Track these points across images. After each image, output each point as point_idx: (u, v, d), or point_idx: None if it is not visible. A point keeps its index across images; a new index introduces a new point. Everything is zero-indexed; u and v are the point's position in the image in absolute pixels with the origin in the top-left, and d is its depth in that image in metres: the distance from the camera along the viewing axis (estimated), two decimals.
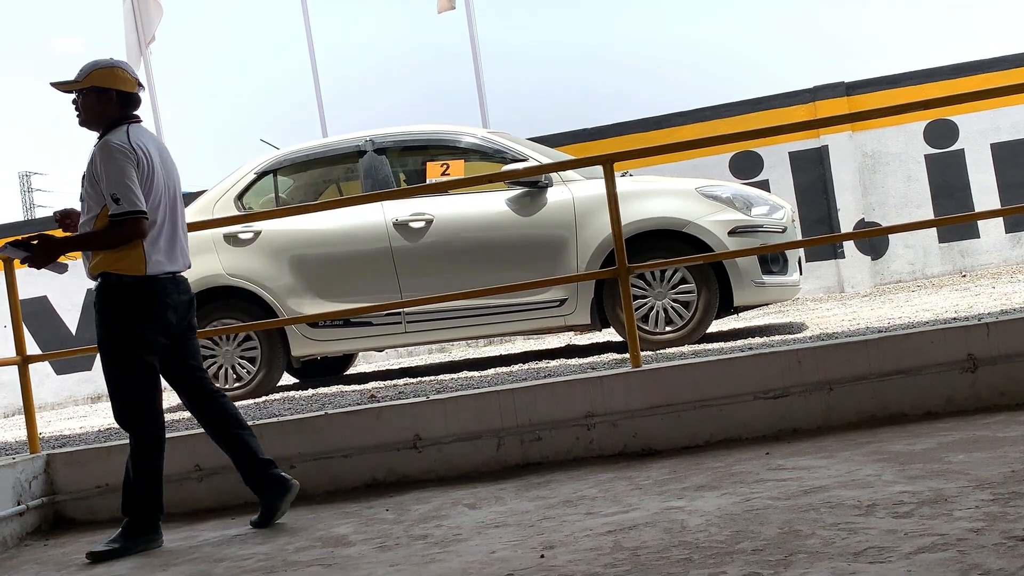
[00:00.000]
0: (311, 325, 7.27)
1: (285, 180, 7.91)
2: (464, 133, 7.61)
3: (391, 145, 7.64)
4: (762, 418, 4.63)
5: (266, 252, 7.40)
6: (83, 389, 10.98)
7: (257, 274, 7.37)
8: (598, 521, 3.52)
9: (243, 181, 7.69)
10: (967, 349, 4.59)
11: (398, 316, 7.19)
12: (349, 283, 7.28)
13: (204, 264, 7.36)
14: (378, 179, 7.45)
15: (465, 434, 4.76)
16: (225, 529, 4.32)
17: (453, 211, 7.28)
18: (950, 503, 3.09)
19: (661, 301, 6.86)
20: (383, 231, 7.26)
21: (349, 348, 7.59)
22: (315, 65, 13.20)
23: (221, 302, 7.44)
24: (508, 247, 7.11)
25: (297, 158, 7.79)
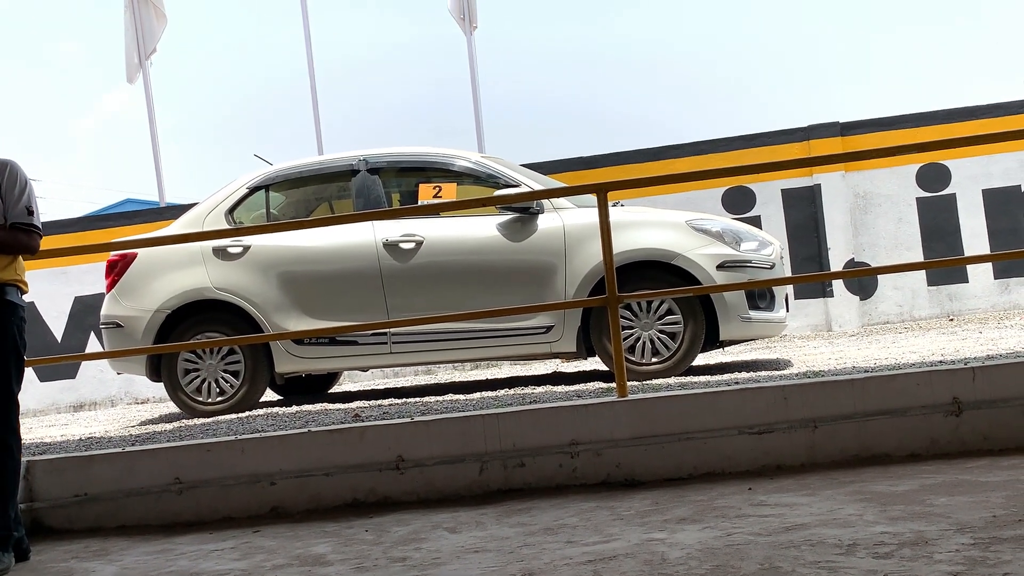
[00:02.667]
0: (296, 342, 7.27)
1: (277, 196, 7.92)
2: (458, 156, 7.62)
3: (384, 165, 7.66)
4: (746, 453, 4.63)
5: (254, 267, 7.40)
6: (66, 397, 10.92)
7: (244, 289, 7.37)
8: (578, 550, 3.50)
9: (235, 195, 7.70)
10: (952, 392, 4.60)
11: (384, 336, 7.18)
12: (336, 301, 7.28)
13: (192, 277, 7.39)
14: (370, 199, 7.47)
15: (448, 457, 4.74)
16: (203, 544, 4.29)
17: (443, 234, 7.29)
18: (931, 546, 3.09)
19: (648, 332, 6.87)
20: (373, 251, 7.26)
21: (333, 367, 7.58)
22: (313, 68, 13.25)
23: (207, 315, 7.45)
24: (497, 272, 7.12)
25: (290, 174, 7.80)
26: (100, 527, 4.78)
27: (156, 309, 7.43)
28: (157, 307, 7.44)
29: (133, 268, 7.58)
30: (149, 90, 13.49)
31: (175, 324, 7.47)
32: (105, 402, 10.92)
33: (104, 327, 7.73)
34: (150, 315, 7.43)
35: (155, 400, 10.82)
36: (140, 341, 7.39)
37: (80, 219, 12.32)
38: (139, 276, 7.56)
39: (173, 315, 7.44)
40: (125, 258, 7.64)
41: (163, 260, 7.54)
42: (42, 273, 10.41)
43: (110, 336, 7.67)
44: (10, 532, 4.13)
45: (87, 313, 10.92)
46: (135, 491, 4.82)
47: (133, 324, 7.49)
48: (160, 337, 7.43)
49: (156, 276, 7.52)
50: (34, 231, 4.18)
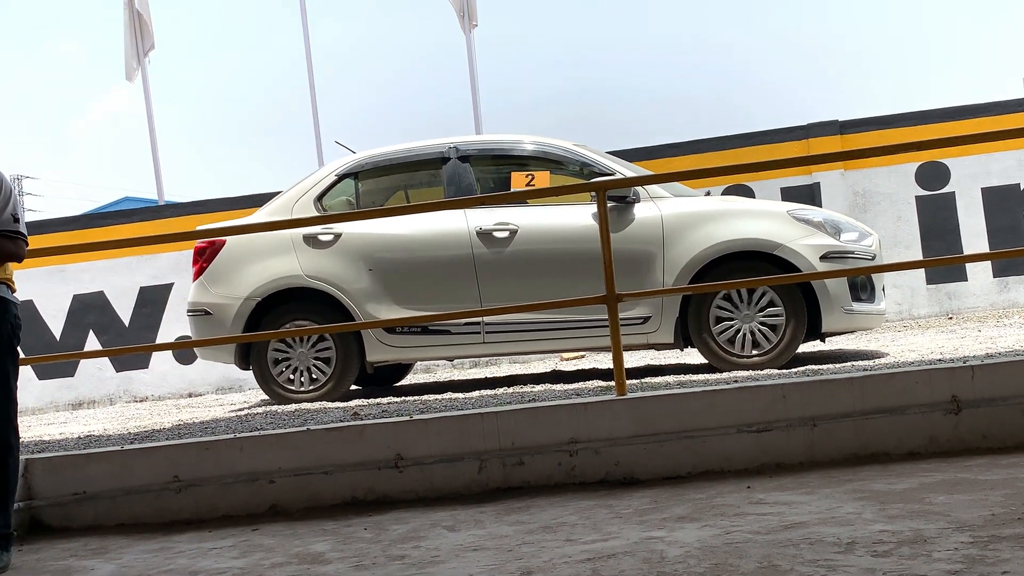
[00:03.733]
0: (388, 331, 7.19)
1: (366, 184, 7.80)
2: (550, 144, 7.50)
3: (475, 153, 7.55)
4: (745, 451, 4.63)
5: (346, 255, 7.32)
6: (65, 395, 10.92)
7: (336, 277, 7.29)
8: (577, 548, 3.50)
9: (323, 183, 7.59)
10: (951, 391, 4.60)
11: (477, 326, 7.10)
12: (428, 290, 7.20)
13: (282, 264, 7.32)
14: (461, 187, 7.36)
15: (447, 455, 4.74)
16: (201, 542, 4.28)
17: (538, 222, 7.20)
18: (929, 544, 3.09)
19: (748, 324, 6.80)
20: (466, 239, 7.18)
21: (425, 356, 7.50)
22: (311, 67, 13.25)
23: (298, 303, 7.38)
24: (593, 261, 6.87)
25: (379, 162, 7.69)
26: (99, 525, 4.78)
27: (246, 296, 7.35)
28: (247, 294, 7.35)
29: (222, 255, 7.48)
30: (148, 88, 13.50)
31: (264, 312, 7.39)
32: (104, 400, 10.92)
33: (192, 315, 7.61)
34: (240, 302, 7.36)
35: (153, 399, 10.82)
36: (230, 329, 7.31)
37: (79, 217, 12.32)
38: (228, 263, 7.46)
39: (262, 303, 7.36)
40: (213, 245, 7.53)
41: (253, 247, 7.45)
42: (40, 271, 10.41)
43: (198, 324, 7.57)
44: (11, 531, 4.13)
45: (85, 311, 10.92)
46: (134, 489, 4.81)
47: (222, 311, 7.40)
48: (249, 325, 7.35)
49: (246, 263, 7.44)
50: (20, 238, 4.14)
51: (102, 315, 10.95)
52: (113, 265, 10.93)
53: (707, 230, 6.90)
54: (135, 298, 10.97)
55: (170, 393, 10.88)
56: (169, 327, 10.88)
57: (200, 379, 10.89)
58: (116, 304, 10.97)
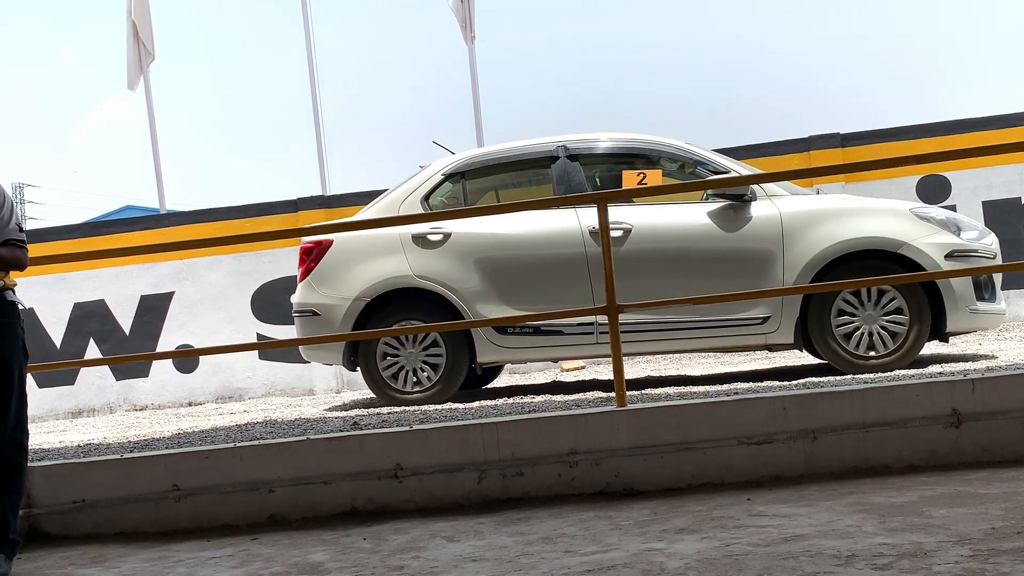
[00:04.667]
0: (499, 331, 7.12)
1: (472, 183, 7.74)
2: (661, 142, 7.44)
3: (584, 151, 7.48)
4: (745, 463, 4.62)
5: (455, 255, 7.27)
6: (65, 403, 10.91)
7: (446, 276, 7.23)
8: (576, 560, 3.50)
9: (430, 182, 7.53)
10: (952, 404, 4.59)
11: (590, 326, 7.03)
12: (540, 290, 7.13)
13: (392, 264, 7.29)
14: (571, 185, 7.28)
15: (447, 466, 4.73)
16: (200, 551, 4.28)
17: (652, 221, 7.13)
18: (930, 557, 3.08)
19: (871, 325, 6.74)
20: (579, 238, 7.10)
21: (537, 357, 7.44)
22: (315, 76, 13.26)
23: (407, 303, 7.33)
24: (710, 260, 6.95)
25: (486, 161, 7.65)
26: (98, 534, 4.77)
27: (355, 297, 7.29)
28: (356, 295, 7.29)
29: (329, 255, 7.43)
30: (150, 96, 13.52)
31: (371, 313, 7.33)
32: (104, 409, 10.91)
33: (298, 315, 7.57)
34: (349, 303, 7.30)
35: (153, 407, 10.82)
36: (339, 329, 7.25)
37: (80, 225, 12.33)
38: (336, 263, 7.41)
39: (370, 303, 7.31)
40: (320, 245, 7.47)
41: (361, 247, 7.40)
42: (41, 279, 10.42)
43: (305, 325, 7.51)
44: (17, 539, 4.15)
45: (86, 319, 10.93)
46: (133, 498, 4.81)
47: (331, 312, 7.35)
48: (358, 325, 7.30)
49: (354, 263, 7.38)
50: (25, 246, 4.23)
51: (103, 323, 10.95)
52: (114, 273, 10.94)
53: (828, 228, 6.84)
54: (136, 307, 10.97)
55: (170, 402, 10.88)
56: (170, 336, 10.88)
57: (200, 388, 10.88)
58: (117, 312, 10.97)
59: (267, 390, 10.81)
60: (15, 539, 4.14)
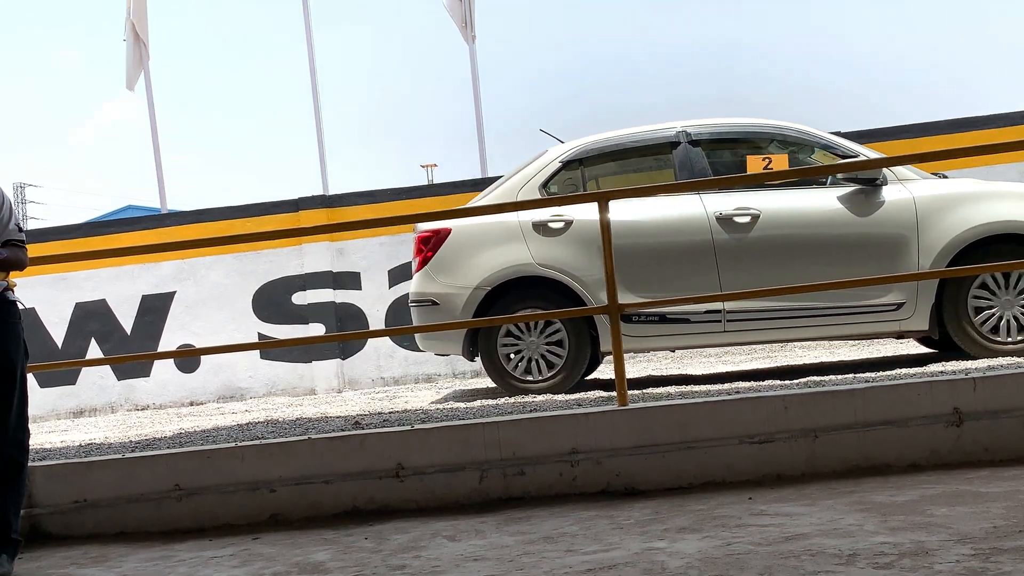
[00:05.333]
0: (624, 320, 6.93)
1: (591, 170, 7.60)
2: (783, 126, 7.32)
3: (706, 137, 7.35)
4: (746, 462, 4.62)
5: (578, 242, 7.13)
6: (66, 403, 10.92)
7: (568, 264, 7.12)
8: (578, 559, 3.50)
9: (548, 169, 7.40)
10: (953, 403, 4.59)
11: (718, 314, 6.93)
12: (665, 277, 7.01)
13: (513, 253, 7.19)
14: (695, 171, 7.14)
15: (448, 465, 4.73)
16: (202, 551, 4.28)
17: (781, 206, 7.01)
18: (931, 556, 3.08)
19: (1009, 310, 6.67)
20: (705, 224, 7.00)
21: (663, 345, 7.34)
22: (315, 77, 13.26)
23: (529, 291, 7.21)
24: (842, 246, 6.84)
25: (605, 147, 7.50)
26: (99, 533, 4.77)
27: (476, 286, 7.18)
28: (477, 283, 7.18)
29: (448, 244, 7.32)
30: (151, 96, 13.52)
31: (491, 302, 7.22)
32: (105, 408, 10.92)
33: (416, 305, 7.46)
34: (469, 292, 7.19)
35: (155, 407, 10.82)
36: (459, 319, 7.14)
37: (81, 225, 12.34)
38: (455, 252, 7.31)
39: (490, 292, 7.20)
40: (438, 234, 7.36)
41: (480, 235, 7.30)
42: (42, 279, 10.42)
43: (423, 315, 7.39)
44: (19, 539, 4.15)
45: (87, 319, 10.93)
46: (135, 497, 4.81)
47: (451, 301, 7.24)
48: (478, 315, 7.17)
49: (474, 252, 7.28)
50: (24, 246, 4.25)
51: (104, 323, 10.96)
52: (115, 273, 10.94)
53: (963, 213, 6.77)
54: (137, 306, 10.97)
55: (171, 401, 10.88)
56: (171, 335, 10.88)
57: (201, 388, 10.89)
58: (118, 312, 10.97)
59: (268, 390, 10.82)
60: (17, 539, 4.15)
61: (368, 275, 10.83)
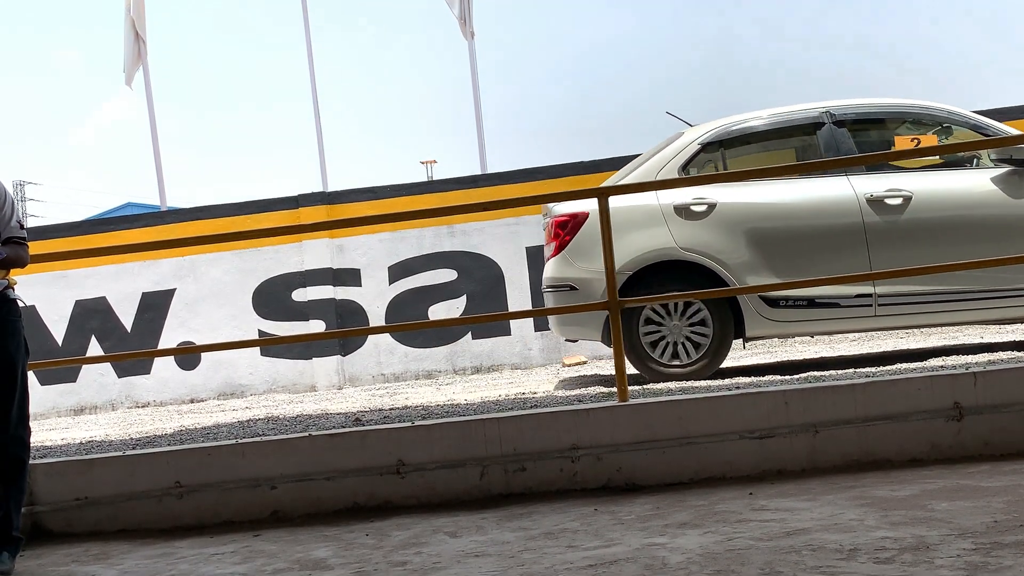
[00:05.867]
0: (770, 304, 6.82)
1: (732, 152, 7.43)
2: (927, 106, 7.15)
3: (852, 117, 7.17)
4: (747, 458, 4.62)
5: (722, 226, 6.95)
6: (66, 401, 10.92)
7: (712, 248, 6.93)
8: (579, 555, 3.50)
9: (686, 151, 7.17)
10: (953, 397, 4.59)
11: (868, 298, 6.77)
12: (813, 261, 6.81)
13: (655, 237, 7.00)
14: (841, 151, 6.96)
15: (449, 461, 4.74)
16: (203, 548, 4.28)
17: (934, 188, 6.85)
18: (932, 551, 3.08)
19: None
20: (854, 206, 6.82)
21: (810, 331, 7.15)
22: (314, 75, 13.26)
23: (672, 276, 7.00)
24: (998, 229, 6.69)
25: (746, 129, 7.33)
26: (100, 531, 4.78)
27: (617, 271, 7.08)
28: (618, 268, 6.70)
29: (586, 228, 7.08)
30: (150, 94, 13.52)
31: (631, 287, 6.97)
32: (105, 406, 10.92)
33: (553, 290, 7.27)
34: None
35: (155, 404, 10.82)
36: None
37: (81, 223, 12.34)
38: (593, 236, 6.91)
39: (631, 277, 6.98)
40: (575, 218, 7.15)
41: (619, 219, 6.82)
42: (42, 277, 10.42)
43: (560, 299, 7.21)
44: (20, 536, 4.16)
45: (88, 316, 10.93)
46: (136, 495, 4.81)
47: (589, 286, 7.03)
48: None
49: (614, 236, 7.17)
50: (26, 243, 4.25)
51: (104, 321, 10.96)
52: (115, 271, 10.93)
53: None
54: (137, 304, 10.97)
55: (172, 399, 10.88)
56: (171, 333, 10.88)
57: (202, 385, 10.89)
58: (118, 310, 10.97)
59: (269, 386, 10.82)
60: (18, 536, 4.15)
61: (368, 272, 10.83)
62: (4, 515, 4.10)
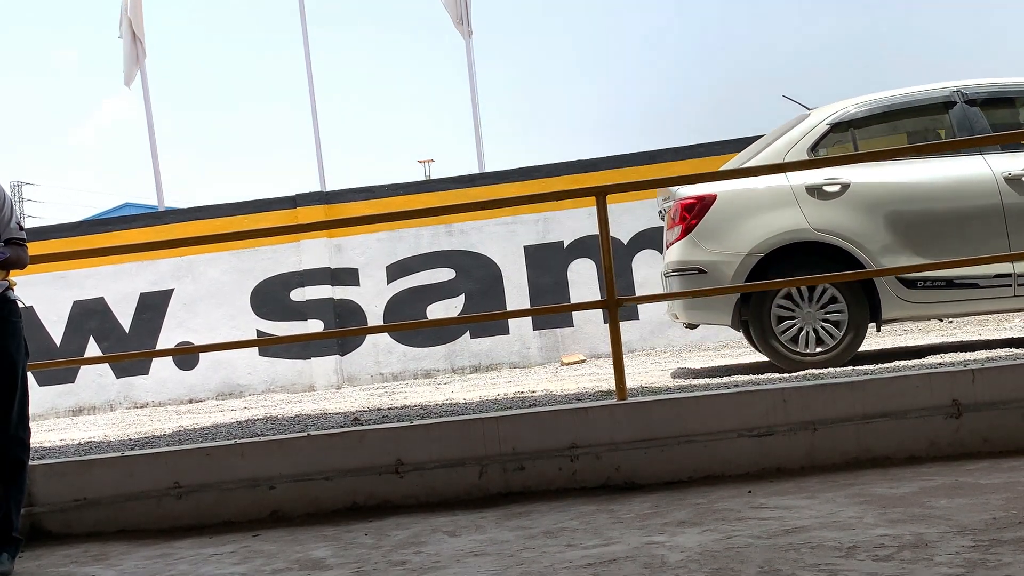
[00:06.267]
0: (907, 286, 6.71)
1: (862, 132, 7.24)
2: None
3: (984, 96, 7.03)
4: (746, 456, 4.63)
5: (856, 206, 6.82)
6: (65, 401, 10.92)
7: (847, 229, 6.78)
8: (578, 553, 3.50)
9: (815, 132, 7.07)
10: (952, 395, 4.59)
11: (1008, 278, 6.64)
12: (950, 242, 6.69)
13: (786, 218, 6.88)
14: (975, 131, 6.84)
15: (448, 460, 4.74)
16: (202, 548, 4.28)
17: None
18: (931, 548, 3.08)
19: None
20: (992, 186, 6.71)
21: (948, 312, 7.01)
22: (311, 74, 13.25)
23: (805, 258, 6.87)
24: None
25: (875, 109, 7.17)
26: (99, 531, 4.77)
27: (747, 253, 6.86)
28: (748, 250, 6.86)
29: (714, 210, 7.00)
30: (148, 95, 13.51)
31: (761, 270, 6.87)
32: (104, 406, 10.92)
33: (679, 274, 7.11)
34: (740, 259, 6.86)
35: (154, 404, 10.82)
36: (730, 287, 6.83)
37: (79, 223, 12.34)
38: (722, 218, 6.98)
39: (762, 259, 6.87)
40: (703, 200, 7.04)
41: (749, 201, 6.97)
42: (41, 277, 10.42)
43: (688, 283, 7.05)
44: (20, 537, 4.16)
45: (86, 317, 10.93)
46: (134, 495, 4.81)
47: (719, 270, 6.91)
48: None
49: (743, 218, 6.97)
50: (25, 244, 4.26)
51: (102, 321, 10.96)
52: (113, 271, 10.94)
53: None
54: (135, 304, 10.97)
55: (170, 399, 10.88)
56: (169, 333, 10.89)
57: (200, 385, 10.89)
58: (116, 310, 10.97)
59: (267, 386, 10.82)
60: (18, 538, 4.15)
61: (366, 271, 10.84)
62: (3, 516, 4.10)
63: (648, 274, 10.61)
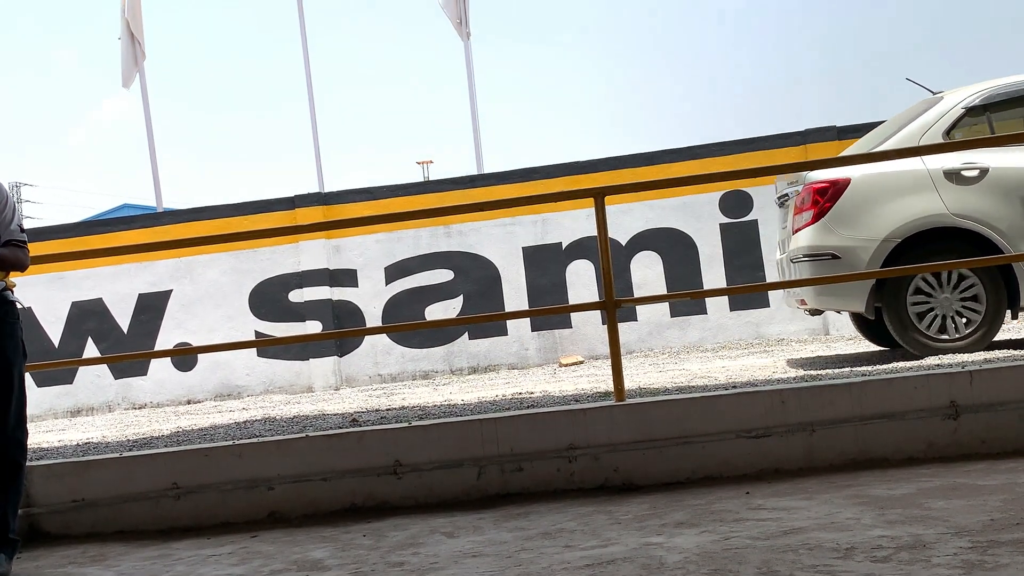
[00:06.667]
0: None
1: (1000, 115, 7.07)
2: None
3: None
4: (744, 457, 4.63)
5: (995, 191, 6.72)
6: (63, 402, 10.92)
7: (986, 215, 6.68)
8: (576, 554, 3.50)
9: (949, 116, 6.95)
10: (950, 396, 4.60)
11: None
12: None
13: (924, 203, 6.77)
14: None
15: (446, 462, 4.74)
16: (200, 549, 4.28)
17: None
18: (929, 549, 3.09)
19: None
20: None
21: None
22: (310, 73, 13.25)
23: (943, 245, 6.77)
24: None
25: (1012, 93, 7.01)
26: (98, 532, 4.77)
27: (884, 238, 6.77)
28: (885, 235, 6.76)
29: (848, 194, 6.89)
30: (146, 96, 13.51)
31: (898, 255, 6.78)
32: (102, 407, 10.92)
33: (812, 259, 6.98)
34: (876, 244, 6.76)
35: (152, 405, 10.82)
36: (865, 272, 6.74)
37: (77, 224, 12.33)
38: (857, 203, 6.88)
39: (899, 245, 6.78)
40: (836, 184, 6.93)
41: (886, 185, 6.86)
42: (39, 278, 10.42)
43: (819, 269, 6.93)
44: (17, 538, 4.16)
45: (84, 318, 10.92)
46: (133, 496, 4.81)
47: (854, 255, 6.80)
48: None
49: (879, 203, 6.88)
50: (26, 246, 4.26)
51: (101, 322, 10.96)
52: (112, 272, 10.94)
53: None
54: (134, 305, 10.97)
55: (168, 400, 10.88)
56: (168, 334, 10.88)
57: (199, 386, 10.89)
58: (115, 311, 10.97)
59: (266, 387, 10.82)
60: (15, 539, 4.15)
61: (365, 272, 10.84)
62: (1, 517, 4.10)
63: (646, 275, 10.62)
